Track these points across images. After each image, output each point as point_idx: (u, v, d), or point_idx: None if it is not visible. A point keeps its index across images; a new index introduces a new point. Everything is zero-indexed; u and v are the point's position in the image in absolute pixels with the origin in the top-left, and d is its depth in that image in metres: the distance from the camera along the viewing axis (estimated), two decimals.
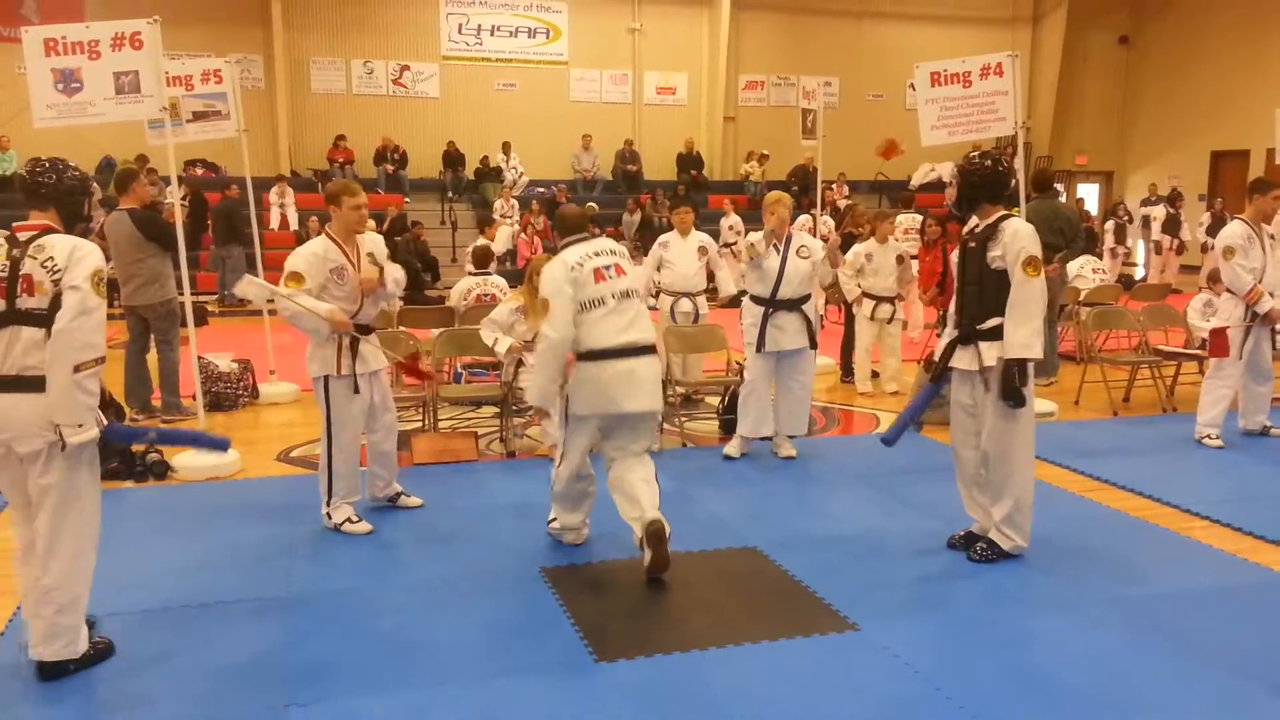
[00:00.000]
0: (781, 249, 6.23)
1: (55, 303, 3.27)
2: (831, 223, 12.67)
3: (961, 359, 4.50)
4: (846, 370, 9.01)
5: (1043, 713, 3.26)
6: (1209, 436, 6.68)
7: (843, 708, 3.30)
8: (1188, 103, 20.18)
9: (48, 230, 3.41)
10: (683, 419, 7.23)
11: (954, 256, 4.81)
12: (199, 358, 6.76)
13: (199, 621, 3.99)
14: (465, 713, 3.28)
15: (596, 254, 4.41)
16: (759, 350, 6.26)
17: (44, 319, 3.27)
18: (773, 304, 6.23)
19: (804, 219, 12.42)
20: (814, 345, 6.41)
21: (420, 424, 6.98)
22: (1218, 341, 6.58)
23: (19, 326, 3.29)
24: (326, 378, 4.93)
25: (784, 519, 5.27)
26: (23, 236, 3.38)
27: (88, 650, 3.55)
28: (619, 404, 4.35)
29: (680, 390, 7.26)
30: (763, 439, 6.47)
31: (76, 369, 3.23)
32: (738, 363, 7.25)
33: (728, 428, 7.05)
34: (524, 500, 5.51)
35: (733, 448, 6.46)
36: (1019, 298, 4.26)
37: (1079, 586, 4.30)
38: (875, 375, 8.70)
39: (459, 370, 7.99)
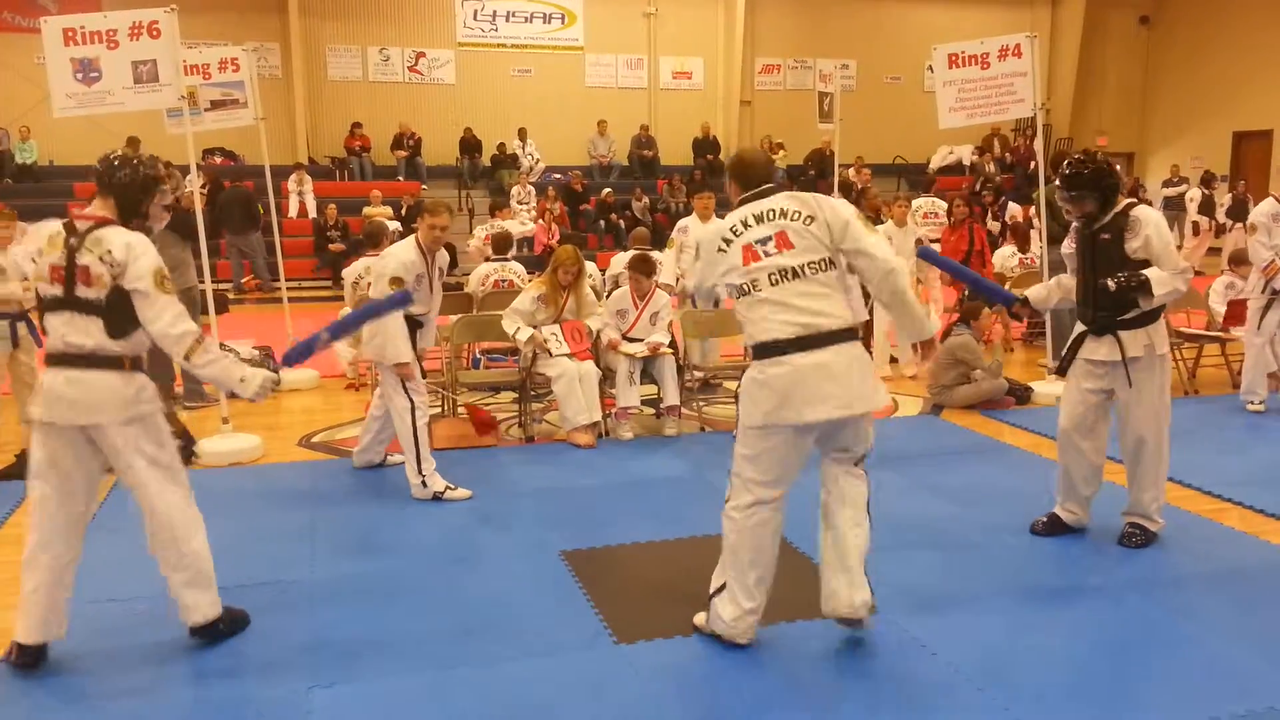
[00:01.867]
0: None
1: (112, 295, 3.36)
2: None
3: (1099, 350, 4.42)
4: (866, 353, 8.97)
5: (1061, 694, 3.26)
6: (1250, 402, 7.04)
7: (861, 688, 3.31)
8: (1209, 83, 19.96)
9: (105, 222, 3.43)
10: (701, 404, 7.23)
11: (1066, 249, 4.63)
12: (220, 345, 6.81)
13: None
14: (485, 693, 3.30)
15: (757, 219, 3.40)
16: None
17: (101, 309, 3.36)
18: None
19: None
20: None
21: (440, 409, 7.01)
22: (1235, 311, 7.11)
23: (75, 313, 3.38)
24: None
25: (802, 503, 5.24)
26: (81, 226, 3.41)
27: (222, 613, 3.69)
28: (799, 412, 3.31)
29: (698, 375, 7.26)
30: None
31: (186, 358, 3.45)
32: None
33: None
34: (542, 485, 5.53)
35: None
36: (1164, 276, 4.25)
37: (1097, 569, 4.29)
38: (894, 360, 8.67)
39: (477, 356, 8.02)
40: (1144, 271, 4.27)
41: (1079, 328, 4.54)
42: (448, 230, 5.53)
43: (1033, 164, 15.13)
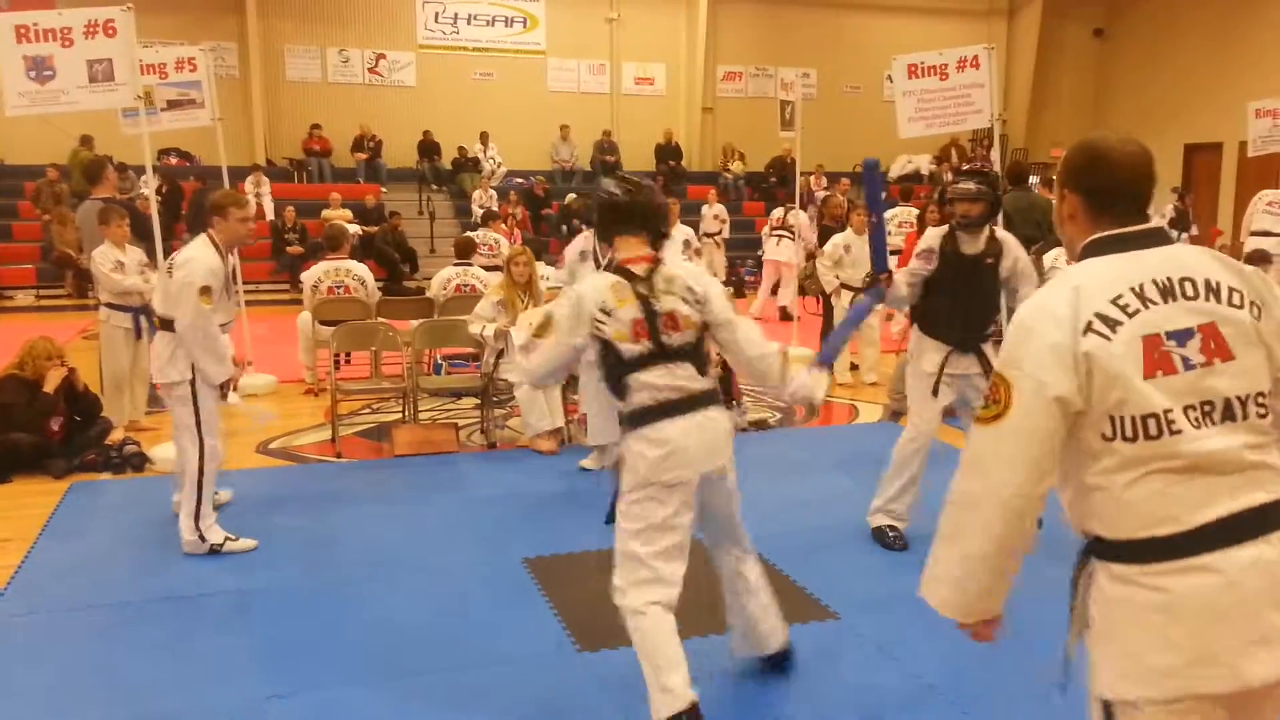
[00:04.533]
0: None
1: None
2: (805, 217, 12.46)
3: (959, 365, 4.60)
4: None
5: (1023, 699, 3.30)
6: None
7: (823, 696, 3.33)
8: (1161, 96, 20.35)
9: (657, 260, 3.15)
10: None
11: (916, 268, 4.69)
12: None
13: (179, 614, 3.97)
14: (447, 702, 3.28)
15: (1164, 291, 1.77)
16: None
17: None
18: None
19: (777, 213, 12.42)
20: None
21: (400, 415, 6.96)
22: None
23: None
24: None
25: (764, 510, 5.27)
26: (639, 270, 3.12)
27: None
28: (1237, 668, 1.71)
29: None
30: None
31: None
32: (718, 354, 7.26)
33: None
34: (504, 491, 5.51)
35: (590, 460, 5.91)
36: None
37: (1058, 571, 4.34)
38: (854, 367, 8.75)
39: (439, 361, 7.97)
40: (1022, 292, 4.57)
41: (941, 350, 4.63)
42: (249, 222, 4.83)
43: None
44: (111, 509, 5.29)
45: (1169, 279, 1.76)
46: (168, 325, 4.54)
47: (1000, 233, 4.72)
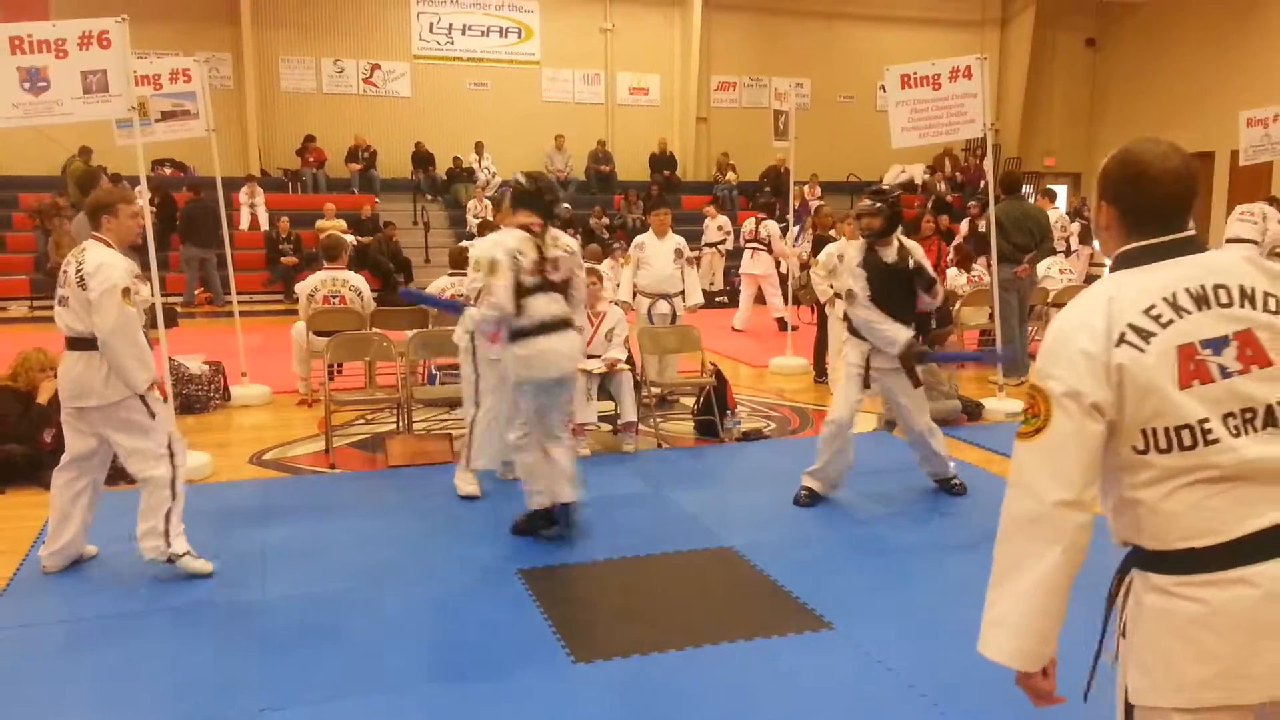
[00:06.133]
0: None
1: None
2: (776, 228, 12.18)
3: (882, 359, 5.38)
4: (820, 371, 9.06)
5: (1015, 707, 3.29)
6: None
7: (818, 706, 3.33)
8: (1153, 105, 20.44)
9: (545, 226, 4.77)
10: (658, 420, 7.25)
11: (856, 280, 5.39)
12: (169, 359, 6.70)
13: (171, 626, 3.96)
14: (441, 714, 3.27)
15: (1198, 300, 1.77)
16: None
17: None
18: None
19: (749, 225, 12.30)
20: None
21: (395, 426, 6.95)
22: None
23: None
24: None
25: (758, 519, 5.30)
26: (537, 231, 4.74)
27: None
28: (1275, 681, 1.74)
29: (656, 391, 7.27)
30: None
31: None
32: (712, 364, 7.28)
33: (702, 429, 7.08)
34: (499, 502, 5.50)
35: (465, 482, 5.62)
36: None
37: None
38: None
39: (434, 372, 7.96)
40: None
41: (862, 346, 5.40)
42: (139, 218, 4.71)
43: (982, 183, 15.39)
44: (103, 520, 5.26)
45: (1202, 286, 1.75)
46: (83, 344, 4.23)
47: (907, 241, 5.46)
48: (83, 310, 4.23)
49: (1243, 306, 1.74)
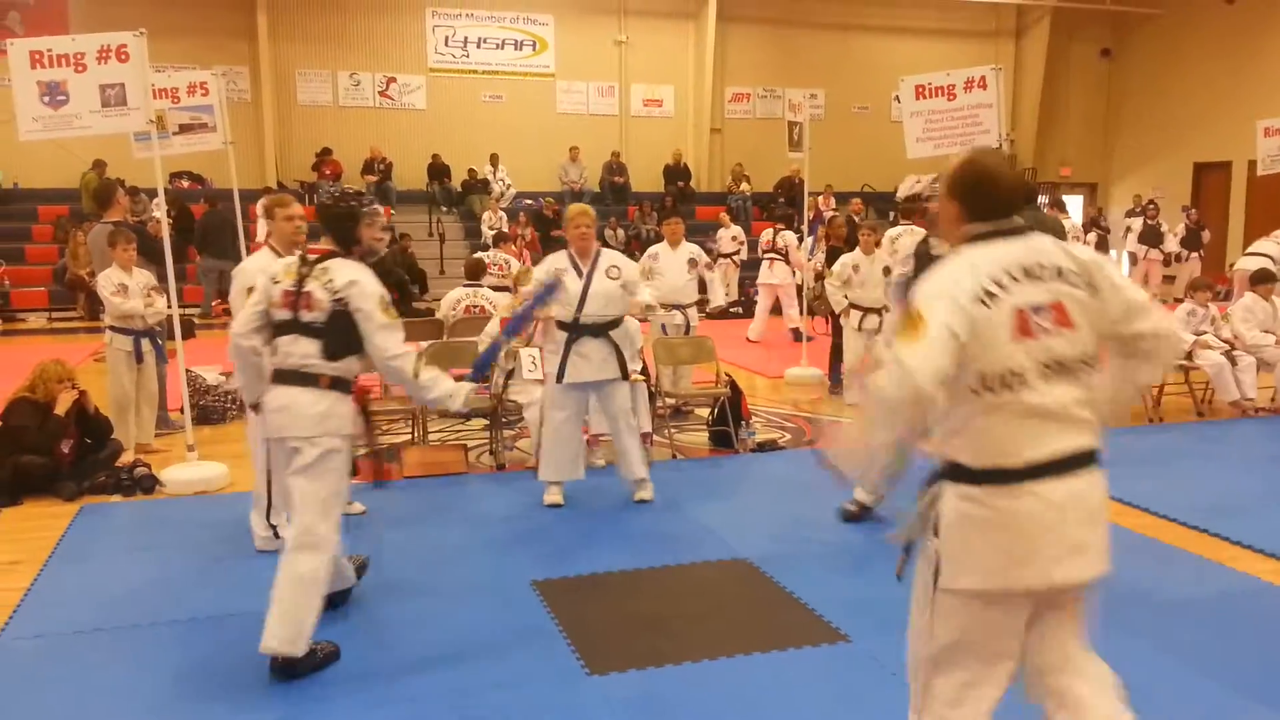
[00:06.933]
0: (586, 269, 5.55)
1: (332, 319, 3.62)
2: (794, 238, 12.14)
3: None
4: (835, 381, 9.04)
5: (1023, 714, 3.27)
6: None
7: (826, 713, 3.31)
8: (1170, 115, 20.35)
9: (330, 254, 3.72)
10: (673, 431, 7.23)
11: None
12: (186, 370, 6.74)
13: (188, 637, 3.97)
14: None
15: (1028, 273, 2.29)
16: (560, 381, 5.51)
17: (319, 331, 3.64)
18: (576, 329, 5.50)
19: (766, 235, 12.30)
20: (625, 375, 5.64)
21: (409, 436, 6.96)
22: None
23: (299, 335, 3.66)
24: None
25: (774, 531, 5.27)
26: (311, 259, 3.74)
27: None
28: (1047, 571, 2.30)
29: (670, 402, 7.26)
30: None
31: (415, 375, 3.69)
32: (727, 374, 7.27)
33: (717, 440, 7.06)
34: (513, 513, 5.49)
35: (550, 495, 5.69)
36: None
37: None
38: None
39: None
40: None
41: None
42: (302, 219, 4.89)
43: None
44: (121, 531, 5.30)
45: (1031, 263, 2.29)
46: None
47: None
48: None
49: (1056, 280, 2.28)
